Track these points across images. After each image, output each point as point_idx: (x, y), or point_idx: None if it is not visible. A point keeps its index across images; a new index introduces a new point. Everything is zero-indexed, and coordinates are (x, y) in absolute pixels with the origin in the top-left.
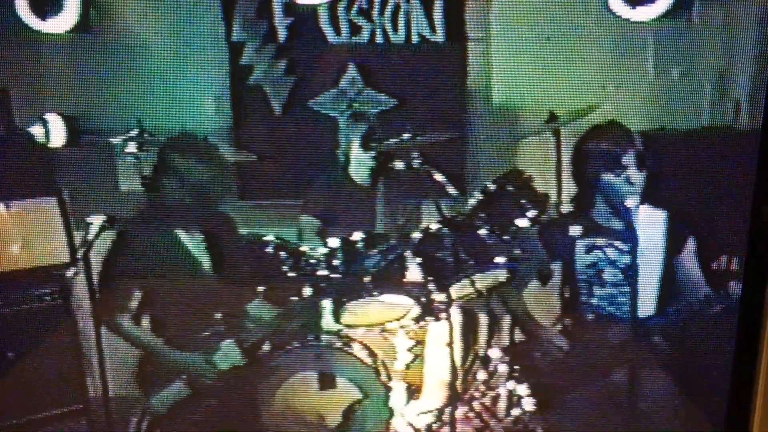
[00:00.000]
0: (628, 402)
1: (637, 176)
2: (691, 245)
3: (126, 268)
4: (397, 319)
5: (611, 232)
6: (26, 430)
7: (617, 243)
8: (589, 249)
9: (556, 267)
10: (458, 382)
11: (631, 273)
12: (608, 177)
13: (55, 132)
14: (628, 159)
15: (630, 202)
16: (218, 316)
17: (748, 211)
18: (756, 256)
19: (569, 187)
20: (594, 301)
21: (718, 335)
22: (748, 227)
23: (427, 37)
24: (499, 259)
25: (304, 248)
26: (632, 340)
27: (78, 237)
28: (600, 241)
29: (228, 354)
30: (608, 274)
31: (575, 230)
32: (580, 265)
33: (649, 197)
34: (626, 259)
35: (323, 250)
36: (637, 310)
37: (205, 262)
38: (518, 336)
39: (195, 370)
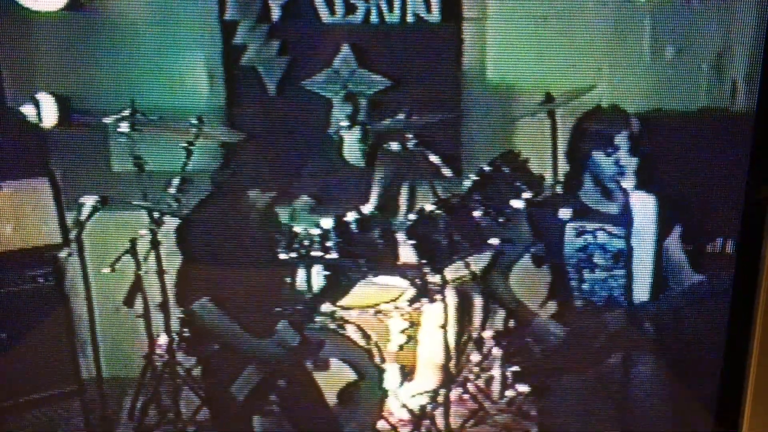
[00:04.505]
0: (620, 387)
1: (629, 158)
2: (677, 231)
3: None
4: (392, 301)
5: (603, 216)
6: (19, 411)
7: (608, 227)
8: (579, 233)
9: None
10: (452, 364)
11: (623, 258)
12: (601, 158)
13: (47, 112)
14: (622, 141)
15: (625, 184)
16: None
17: (742, 193)
18: (749, 239)
19: (565, 169)
20: (584, 286)
21: (709, 318)
22: (741, 209)
23: (423, 16)
24: (494, 241)
25: (297, 229)
26: (625, 326)
27: (70, 217)
28: (590, 225)
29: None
30: (599, 258)
31: (565, 213)
32: (570, 249)
33: (643, 179)
34: (618, 244)
35: (317, 231)
36: (629, 295)
37: None
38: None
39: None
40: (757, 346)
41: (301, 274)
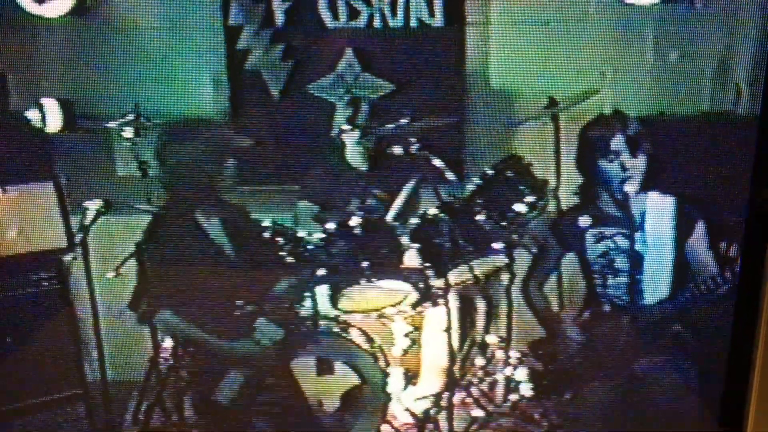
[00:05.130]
0: (623, 387)
1: (631, 162)
2: (699, 229)
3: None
4: (395, 305)
5: (615, 220)
6: (24, 414)
7: (622, 231)
8: (598, 239)
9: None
10: (456, 368)
11: (636, 260)
12: (606, 164)
13: (51, 117)
14: (625, 145)
15: (629, 188)
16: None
17: (746, 198)
18: (753, 240)
19: (570, 175)
20: (602, 290)
21: (714, 319)
22: (746, 214)
23: (426, 21)
24: (497, 245)
25: (301, 233)
26: (633, 329)
27: (75, 222)
28: (607, 230)
29: (266, 331)
30: (616, 262)
31: (584, 221)
32: (590, 255)
33: (650, 183)
34: (632, 247)
35: (320, 235)
36: (643, 297)
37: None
38: (517, 323)
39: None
40: (762, 348)
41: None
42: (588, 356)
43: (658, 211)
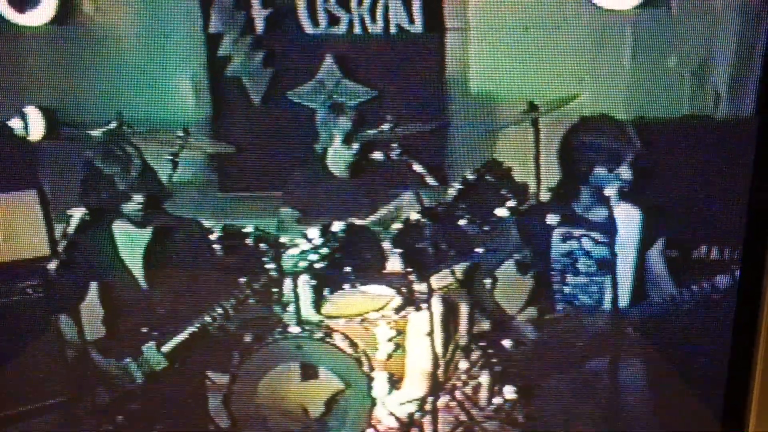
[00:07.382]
0: (624, 388)
1: (614, 167)
2: (660, 243)
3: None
4: (378, 310)
5: (589, 223)
6: (10, 422)
7: (594, 234)
8: (565, 239)
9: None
10: (440, 372)
11: (606, 264)
12: (600, 170)
13: (34, 125)
14: (616, 151)
15: (611, 193)
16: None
17: (738, 201)
18: (754, 239)
19: (549, 178)
20: (567, 290)
21: (715, 320)
22: (739, 217)
23: (406, 27)
24: (479, 249)
25: (283, 240)
26: (632, 329)
27: (59, 230)
28: (576, 231)
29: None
30: (583, 264)
31: (552, 219)
32: (556, 254)
33: (635, 188)
34: (602, 251)
35: (303, 241)
36: (610, 301)
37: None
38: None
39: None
40: (763, 347)
41: (287, 284)
42: (589, 357)
43: (628, 218)
